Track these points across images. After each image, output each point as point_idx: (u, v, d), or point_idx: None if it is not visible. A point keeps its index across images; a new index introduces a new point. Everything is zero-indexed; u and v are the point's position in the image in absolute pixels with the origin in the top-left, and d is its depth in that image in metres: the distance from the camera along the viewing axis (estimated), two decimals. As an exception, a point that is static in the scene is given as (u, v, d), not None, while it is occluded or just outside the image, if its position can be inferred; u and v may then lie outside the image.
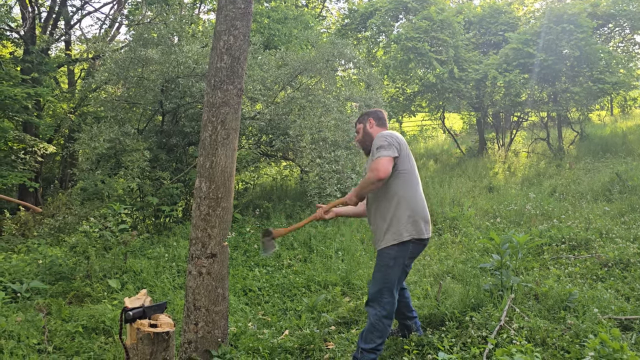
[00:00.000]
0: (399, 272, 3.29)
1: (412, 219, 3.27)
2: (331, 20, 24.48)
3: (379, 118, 3.62)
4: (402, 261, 3.28)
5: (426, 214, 3.36)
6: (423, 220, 3.31)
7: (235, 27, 3.57)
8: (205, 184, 3.54)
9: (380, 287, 3.29)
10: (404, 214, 3.27)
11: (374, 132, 3.53)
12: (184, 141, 8.80)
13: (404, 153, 3.30)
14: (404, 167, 3.30)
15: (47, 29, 14.00)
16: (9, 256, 6.23)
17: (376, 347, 3.28)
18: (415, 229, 3.27)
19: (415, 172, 3.38)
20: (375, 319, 3.28)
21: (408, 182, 3.31)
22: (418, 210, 3.30)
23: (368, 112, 3.67)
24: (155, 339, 2.87)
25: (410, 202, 3.29)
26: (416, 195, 3.33)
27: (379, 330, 3.27)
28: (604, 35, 14.16)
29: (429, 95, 13.93)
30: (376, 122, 3.59)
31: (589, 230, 5.92)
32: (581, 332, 3.43)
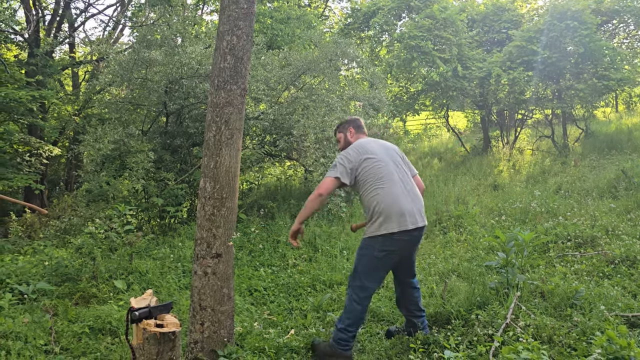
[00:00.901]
0: (367, 262, 3.52)
1: (383, 216, 3.46)
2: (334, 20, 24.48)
3: (358, 126, 3.93)
4: (371, 252, 3.50)
5: (401, 207, 3.47)
6: (397, 216, 3.45)
7: (238, 27, 3.58)
8: (209, 184, 3.55)
9: (354, 273, 3.59)
10: (376, 214, 3.49)
11: (354, 140, 3.84)
12: (188, 142, 8.82)
13: (371, 160, 3.57)
14: (367, 177, 3.56)
15: (51, 32, 14.06)
16: (15, 258, 6.26)
17: (346, 328, 3.52)
18: (383, 225, 3.45)
19: (386, 172, 3.56)
20: (348, 301, 3.57)
21: (380, 188, 3.51)
22: (389, 207, 3.46)
23: (348, 121, 3.98)
24: (162, 339, 2.88)
25: (380, 203, 3.48)
26: (387, 194, 3.50)
27: (349, 312, 3.54)
28: (609, 32, 14.10)
29: (433, 94, 13.89)
30: (356, 131, 3.91)
31: (595, 228, 5.89)
32: (588, 330, 3.41)
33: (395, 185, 3.54)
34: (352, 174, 3.57)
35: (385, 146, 3.77)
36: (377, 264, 3.51)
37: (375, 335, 3.99)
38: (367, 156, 3.59)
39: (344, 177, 3.54)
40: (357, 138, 3.85)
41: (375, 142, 3.77)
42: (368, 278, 3.53)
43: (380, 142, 3.80)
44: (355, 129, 3.91)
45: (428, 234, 6.80)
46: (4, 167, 10.91)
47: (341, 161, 3.59)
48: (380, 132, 9.18)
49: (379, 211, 3.47)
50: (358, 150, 3.63)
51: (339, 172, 3.54)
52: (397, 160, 3.71)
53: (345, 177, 3.55)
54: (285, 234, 6.98)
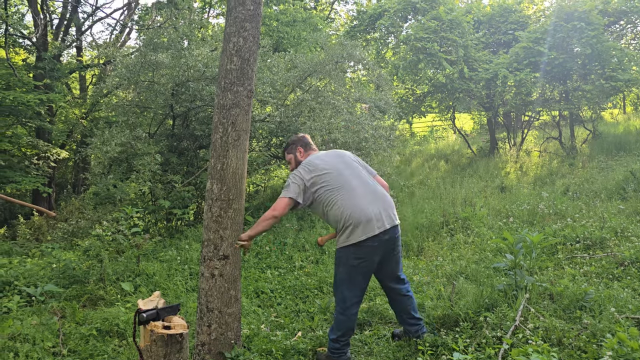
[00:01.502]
0: (344, 272, 3.51)
1: (350, 227, 3.42)
2: (340, 22, 24.51)
3: (306, 144, 3.89)
4: (345, 262, 3.49)
5: (366, 214, 3.43)
6: (362, 223, 3.41)
7: (244, 28, 3.58)
8: (216, 186, 3.55)
9: (334, 285, 3.62)
10: (342, 225, 3.46)
11: (304, 159, 3.79)
12: (194, 144, 8.85)
13: (324, 174, 3.54)
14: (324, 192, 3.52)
15: (58, 36, 14.17)
16: (23, 260, 6.30)
17: (337, 339, 3.54)
18: (351, 235, 3.42)
19: (343, 182, 3.53)
20: (335, 313, 3.60)
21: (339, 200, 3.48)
22: (353, 216, 3.42)
23: (294, 142, 3.91)
24: (169, 340, 2.87)
25: (343, 214, 3.45)
26: (348, 203, 3.46)
27: (337, 323, 3.56)
28: (616, 33, 14.01)
29: (439, 96, 13.86)
30: (304, 149, 3.87)
31: (604, 229, 5.84)
32: (598, 332, 3.37)
33: (354, 192, 3.50)
34: (306, 193, 3.55)
35: (336, 155, 3.74)
36: (353, 272, 3.48)
37: (382, 338, 3.97)
38: (318, 172, 3.56)
39: (299, 196, 3.52)
40: (307, 156, 3.81)
41: (326, 154, 3.74)
42: (347, 288, 3.51)
43: (331, 152, 3.78)
44: (304, 147, 3.86)
45: (435, 236, 6.77)
46: (12, 170, 11.00)
47: (294, 180, 3.56)
48: (387, 134, 9.16)
49: (344, 222, 3.43)
50: (308, 168, 3.59)
51: (292, 192, 3.52)
52: (352, 166, 3.67)
53: (300, 197, 3.53)
54: (292, 236, 6.97)
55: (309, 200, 3.58)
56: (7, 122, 11.46)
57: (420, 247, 6.44)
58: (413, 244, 6.48)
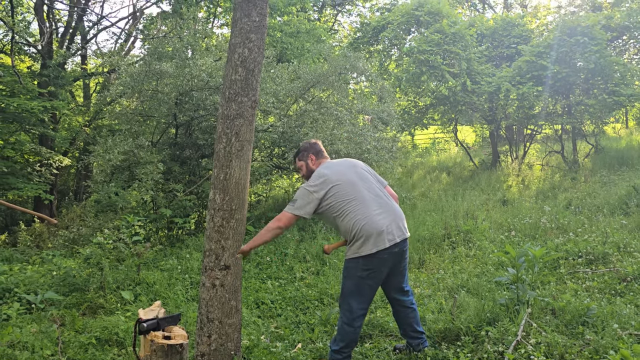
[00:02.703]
0: (352, 283, 3.50)
1: (361, 239, 3.42)
2: (343, 34, 24.66)
3: (318, 151, 3.82)
4: (354, 273, 3.47)
5: (378, 226, 3.43)
6: (374, 235, 3.41)
7: (250, 39, 3.60)
8: (219, 196, 3.55)
9: (341, 295, 3.59)
10: (354, 236, 3.45)
11: (316, 167, 3.76)
12: (197, 154, 8.86)
13: (337, 185, 3.51)
14: (336, 204, 3.50)
15: (64, 44, 14.27)
16: (24, 267, 6.28)
17: (340, 350, 3.53)
18: (362, 247, 3.42)
19: (356, 194, 3.51)
20: (339, 323, 3.57)
21: (351, 212, 3.47)
22: (365, 228, 3.42)
23: (306, 148, 3.84)
24: (169, 351, 2.86)
25: (355, 225, 3.44)
26: (361, 216, 3.45)
27: (341, 334, 3.53)
28: (619, 48, 14.08)
29: (442, 108, 13.89)
30: (316, 157, 3.80)
31: (607, 244, 5.81)
32: (601, 348, 3.35)
33: (366, 204, 3.49)
34: (314, 206, 3.51)
35: (348, 165, 3.70)
36: (362, 283, 3.48)
37: (383, 351, 3.94)
38: (331, 185, 3.51)
39: (305, 213, 3.50)
40: (319, 164, 3.76)
41: (338, 164, 3.70)
42: (355, 299, 3.50)
43: (343, 162, 3.75)
44: (316, 154, 3.80)
45: (437, 248, 6.75)
46: (14, 176, 11.02)
47: (303, 197, 3.53)
48: (389, 146, 9.17)
49: (356, 233, 3.42)
50: (321, 182, 3.53)
51: (299, 210, 3.50)
52: (364, 177, 3.64)
53: (306, 213, 3.51)
54: (293, 247, 6.96)
55: (318, 210, 3.55)
56: (10, 129, 11.50)
57: (421, 260, 6.42)
58: (414, 257, 6.45)
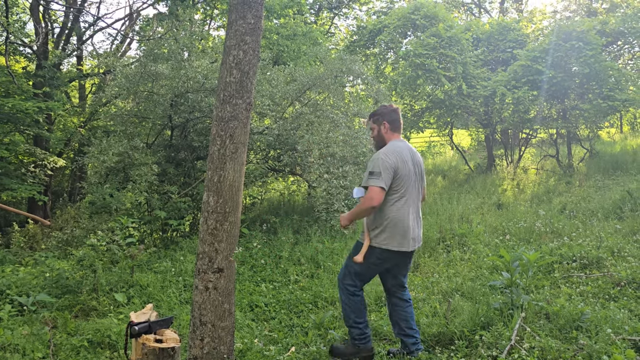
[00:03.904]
0: (363, 267, 3.66)
1: (387, 232, 3.58)
2: (339, 37, 24.69)
3: (393, 121, 3.77)
4: (368, 259, 3.63)
5: (407, 230, 3.59)
6: (402, 236, 3.58)
7: (245, 42, 3.59)
8: (213, 198, 3.53)
9: (347, 274, 3.73)
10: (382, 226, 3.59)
11: (388, 137, 3.76)
12: (192, 155, 8.84)
13: (400, 174, 3.56)
14: (396, 190, 3.58)
15: (59, 45, 14.22)
16: (16, 269, 6.24)
17: (354, 324, 3.70)
18: (387, 240, 3.58)
19: (408, 190, 3.61)
20: (345, 297, 3.73)
21: (397, 203, 3.59)
22: (397, 225, 3.57)
23: (382, 114, 3.79)
24: (161, 354, 2.84)
25: (391, 218, 3.57)
26: (400, 212, 3.58)
27: (350, 307, 3.70)
28: (613, 53, 14.15)
29: (437, 112, 13.92)
30: (390, 127, 3.77)
31: (601, 249, 5.83)
32: (594, 353, 3.35)
33: (410, 206, 3.61)
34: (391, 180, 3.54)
35: (414, 159, 3.71)
36: (371, 269, 3.70)
37: (376, 355, 3.92)
38: (402, 171, 3.56)
39: (387, 186, 3.51)
40: (390, 136, 3.75)
41: (410, 151, 3.71)
42: (360, 278, 3.72)
43: (412, 152, 3.74)
44: (391, 124, 3.75)
45: (431, 252, 6.75)
46: (8, 177, 10.96)
47: (386, 168, 3.50)
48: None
49: (386, 225, 3.55)
50: (397, 160, 3.55)
51: (385, 182, 3.48)
52: (419, 178, 3.72)
53: (387, 186, 3.51)
54: (287, 249, 6.94)
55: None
56: (5, 129, 11.44)
57: (416, 263, 6.41)
58: (409, 260, 6.44)
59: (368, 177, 3.52)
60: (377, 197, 3.45)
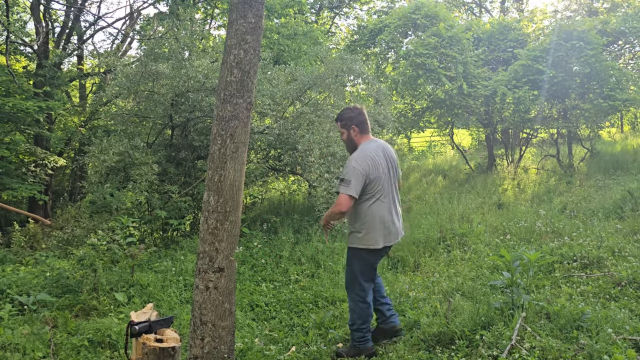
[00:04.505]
0: (361, 264, 3.87)
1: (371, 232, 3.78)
2: (340, 37, 24.69)
3: (361, 123, 3.91)
4: (362, 257, 3.85)
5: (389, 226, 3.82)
6: (383, 233, 3.80)
7: (245, 41, 3.59)
8: (213, 198, 3.53)
9: (352, 279, 3.90)
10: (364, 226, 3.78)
11: (358, 140, 3.92)
12: (192, 155, 8.83)
13: (372, 178, 3.72)
14: (367, 190, 3.75)
15: (60, 44, 14.21)
16: (17, 268, 6.24)
17: (359, 328, 3.85)
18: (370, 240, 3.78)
19: (385, 189, 3.80)
20: (354, 305, 3.89)
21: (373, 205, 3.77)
22: (378, 224, 3.77)
23: (350, 118, 3.92)
24: (161, 354, 2.84)
25: (371, 217, 3.76)
26: (379, 211, 3.78)
27: (358, 314, 3.86)
28: (614, 53, 14.14)
29: (438, 111, 13.91)
30: (359, 129, 3.91)
31: (601, 249, 5.82)
32: (595, 353, 3.34)
33: (387, 202, 3.82)
34: (362, 187, 3.71)
35: (387, 155, 3.89)
36: (369, 265, 3.90)
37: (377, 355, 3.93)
38: (374, 174, 3.73)
39: (357, 194, 3.67)
40: (360, 138, 3.90)
41: (382, 149, 3.87)
42: (364, 279, 3.88)
43: (384, 148, 3.91)
44: (359, 127, 3.90)
45: (432, 252, 6.74)
46: (9, 177, 10.96)
47: (357, 177, 3.65)
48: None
49: (368, 228, 3.76)
50: (369, 166, 3.71)
51: (354, 191, 3.65)
52: (393, 171, 3.91)
53: (357, 194, 3.68)
54: (288, 249, 6.94)
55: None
56: (5, 129, 11.44)
57: (416, 263, 6.41)
58: (409, 260, 6.44)
59: (339, 184, 3.70)
60: (346, 204, 3.64)
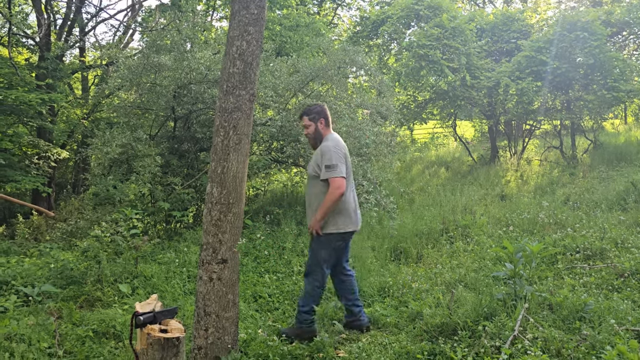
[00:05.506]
0: (327, 253, 4.09)
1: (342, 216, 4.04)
2: (342, 28, 24.57)
3: (327, 118, 4.24)
4: (331, 244, 4.08)
5: (355, 209, 4.14)
6: (352, 217, 4.09)
7: (248, 32, 3.58)
8: (216, 189, 3.54)
9: (314, 263, 4.11)
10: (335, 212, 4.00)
11: (324, 132, 4.22)
12: (195, 147, 8.83)
13: (347, 163, 4.06)
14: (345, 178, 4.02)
15: (62, 36, 14.18)
16: (21, 260, 6.27)
17: (311, 310, 4.11)
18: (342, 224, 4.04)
19: (349, 177, 4.10)
20: (310, 288, 4.11)
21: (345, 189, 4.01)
22: (347, 208, 4.05)
23: (318, 112, 4.22)
24: (166, 344, 2.85)
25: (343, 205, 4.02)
26: (347, 196, 4.04)
27: (313, 296, 4.12)
28: (618, 43, 14.05)
29: (441, 103, 13.87)
30: (325, 123, 4.23)
31: (604, 240, 5.82)
32: (597, 344, 3.36)
33: (352, 189, 4.14)
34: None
35: (345, 147, 4.19)
36: (334, 253, 4.13)
37: (379, 345, 3.95)
38: (348, 159, 4.09)
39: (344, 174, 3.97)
40: (326, 131, 4.22)
41: (343, 144, 4.19)
42: (327, 265, 4.12)
43: (342, 141, 4.22)
44: (325, 120, 4.22)
45: (434, 243, 6.75)
46: (12, 169, 10.98)
47: (338, 159, 3.95)
48: (388, 140, 9.14)
49: (339, 209, 3.99)
50: (344, 151, 4.09)
51: (343, 171, 3.95)
52: (350, 162, 4.17)
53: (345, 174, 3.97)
54: (291, 240, 6.95)
55: None
56: (8, 121, 11.44)
57: (419, 254, 6.43)
58: (412, 251, 6.45)
59: (326, 171, 3.93)
60: (343, 185, 3.91)
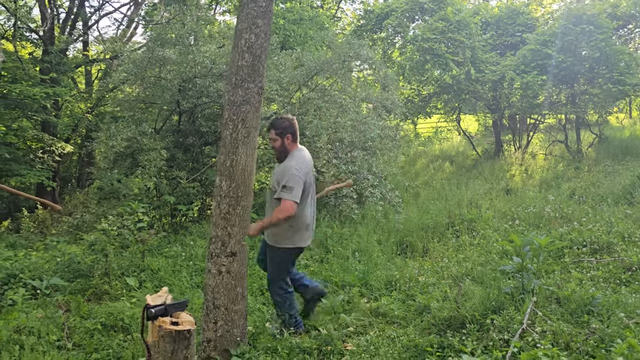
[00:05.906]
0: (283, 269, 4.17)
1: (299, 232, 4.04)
2: (346, 21, 24.45)
3: (294, 132, 4.09)
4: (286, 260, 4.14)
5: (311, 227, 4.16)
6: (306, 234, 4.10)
7: (256, 25, 3.56)
8: (225, 183, 3.53)
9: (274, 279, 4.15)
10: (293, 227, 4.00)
11: (290, 148, 4.09)
12: (200, 141, 8.83)
13: (307, 183, 3.96)
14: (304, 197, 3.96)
15: (65, 30, 14.16)
16: (28, 253, 6.29)
17: (291, 313, 4.12)
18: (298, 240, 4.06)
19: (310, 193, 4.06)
20: (280, 299, 4.13)
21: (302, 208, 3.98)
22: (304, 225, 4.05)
23: (286, 127, 4.06)
24: (177, 336, 2.86)
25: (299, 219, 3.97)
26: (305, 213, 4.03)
27: (286, 304, 4.11)
28: (624, 37, 13.98)
29: (445, 97, 13.82)
30: (292, 138, 4.08)
31: (611, 234, 5.81)
32: (606, 337, 3.35)
33: (311, 205, 4.10)
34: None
35: (310, 162, 4.15)
36: (291, 262, 4.22)
37: (387, 338, 3.95)
38: (309, 179, 3.99)
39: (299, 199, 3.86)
40: (292, 147, 4.09)
41: (307, 163, 4.07)
42: (285, 276, 4.18)
43: (308, 160, 4.13)
44: (292, 136, 4.07)
45: (440, 237, 6.75)
46: (17, 163, 11.00)
47: (298, 183, 3.84)
48: (393, 134, 9.13)
49: (296, 226, 3.98)
50: (304, 172, 3.95)
51: (298, 196, 3.83)
52: (313, 180, 4.16)
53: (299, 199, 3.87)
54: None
55: None
56: (13, 115, 11.45)
57: (425, 248, 6.42)
58: (418, 245, 6.45)
59: (282, 190, 3.83)
60: (292, 210, 3.80)
